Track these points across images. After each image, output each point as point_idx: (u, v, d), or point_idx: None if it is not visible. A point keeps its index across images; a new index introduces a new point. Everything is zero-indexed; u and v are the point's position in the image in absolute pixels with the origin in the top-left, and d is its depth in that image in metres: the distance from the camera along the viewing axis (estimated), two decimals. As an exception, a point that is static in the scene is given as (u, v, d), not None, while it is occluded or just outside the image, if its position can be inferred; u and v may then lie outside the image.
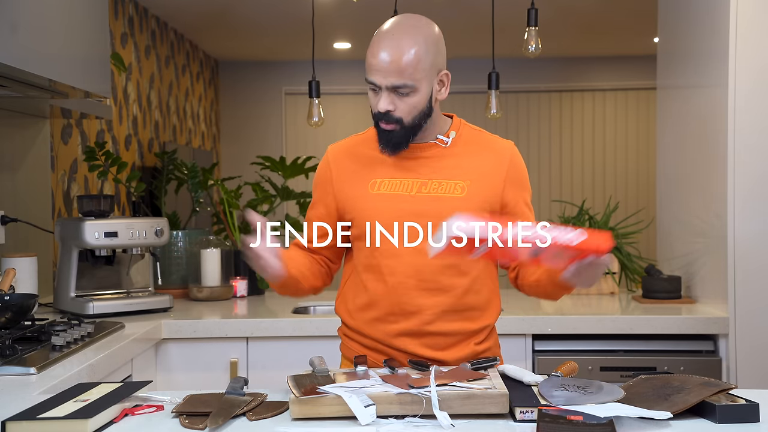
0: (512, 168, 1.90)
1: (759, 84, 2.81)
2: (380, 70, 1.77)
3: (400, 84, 1.77)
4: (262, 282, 3.46)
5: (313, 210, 1.97)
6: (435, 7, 4.59)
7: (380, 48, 1.78)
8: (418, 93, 1.79)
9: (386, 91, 1.78)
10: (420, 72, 1.77)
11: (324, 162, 1.97)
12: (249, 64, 6.88)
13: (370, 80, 1.80)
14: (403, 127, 1.81)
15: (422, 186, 1.85)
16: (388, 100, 1.79)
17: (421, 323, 1.84)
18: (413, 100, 1.79)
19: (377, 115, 1.81)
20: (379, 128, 1.83)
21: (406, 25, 1.80)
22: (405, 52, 1.76)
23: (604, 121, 7.04)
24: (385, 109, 1.79)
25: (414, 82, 1.77)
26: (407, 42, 1.77)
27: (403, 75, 1.76)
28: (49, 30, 2.32)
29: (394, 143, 1.83)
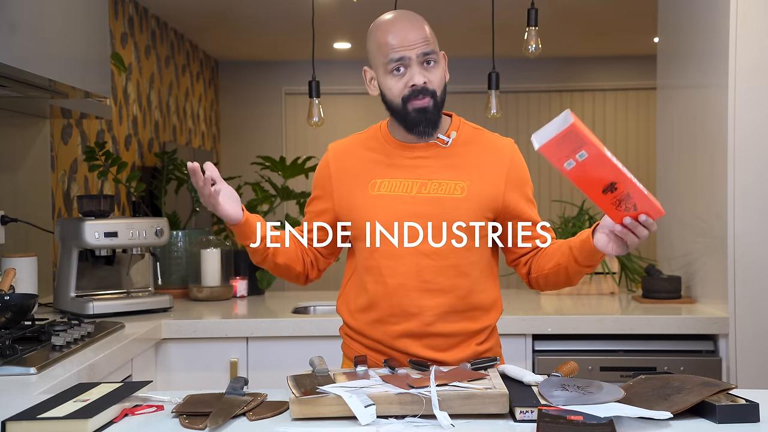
0: (513, 167, 1.90)
1: (759, 84, 2.81)
2: (407, 43, 1.78)
3: (430, 50, 1.80)
4: (262, 282, 3.46)
5: (311, 205, 1.97)
6: (435, 7, 4.59)
7: (397, 27, 1.80)
8: (440, 64, 1.83)
9: (417, 64, 1.79)
10: (436, 44, 1.83)
11: (324, 161, 1.96)
12: (249, 64, 6.88)
13: (397, 57, 1.79)
14: (436, 102, 1.82)
15: (422, 186, 1.84)
16: (422, 72, 1.79)
17: (423, 324, 1.84)
18: (439, 71, 1.83)
19: (410, 93, 1.79)
20: (409, 113, 1.81)
21: (406, 11, 1.86)
22: (423, 24, 1.82)
23: (604, 121, 7.04)
24: (422, 81, 1.79)
25: (436, 50, 1.82)
26: (417, 19, 1.83)
27: (429, 43, 1.80)
28: (49, 30, 2.32)
29: (432, 120, 1.82)
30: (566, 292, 3.41)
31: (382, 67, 1.82)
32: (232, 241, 3.60)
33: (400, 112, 1.83)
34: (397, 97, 1.81)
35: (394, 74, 1.80)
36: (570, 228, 3.51)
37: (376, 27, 1.85)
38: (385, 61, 1.80)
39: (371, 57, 1.86)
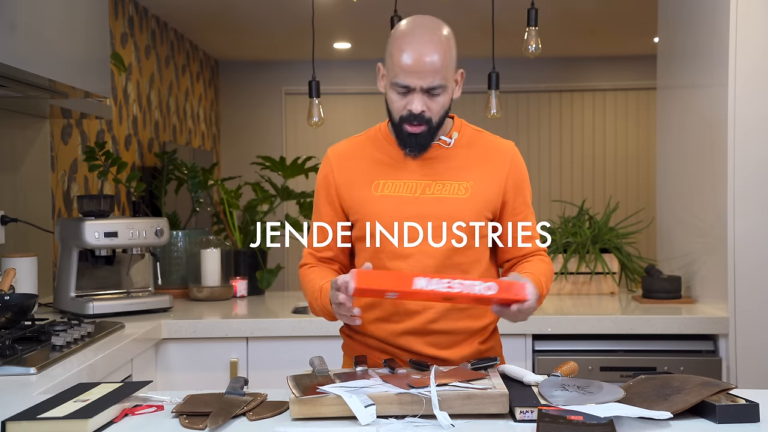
0: (513, 169, 1.90)
1: (759, 84, 2.81)
2: (417, 72, 1.75)
3: (437, 85, 1.77)
4: (262, 282, 3.46)
5: (321, 214, 1.94)
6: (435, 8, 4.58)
7: (414, 50, 1.76)
8: (447, 92, 1.81)
9: (420, 93, 1.78)
10: (450, 71, 1.79)
11: (326, 164, 1.95)
12: (249, 64, 6.88)
13: (402, 83, 1.77)
14: (431, 127, 1.81)
15: (426, 187, 1.85)
16: (422, 102, 1.78)
17: (426, 322, 1.85)
18: (443, 99, 1.80)
19: (407, 117, 1.79)
20: (402, 131, 1.81)
21: (430, 27, 1.80)
22: (439, 53, 1.76)
23: (604, 121, 7.04)
24: (420, 111, 1.78)
25: (446, 82, 1.79)
26: (438, 43, 1.77)
27: (438, 76, 1.76)
28: (49, 30, 2.32)
29: (422, 144, 1.83)
30: (566, 291, 3.41)
31: (389, 79, 1.81)
32: (232, 242, 3.60)
33: (395, 128, 1.84)
34: (396, 114, 1.82)
35: (397, 91, 1.80)
36: (570, 228, 3.51)
37: (395, 36, 1.81)
38: (393, 79, 1.79)
39: (386, 59, 1.84)
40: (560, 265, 3.41)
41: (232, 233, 3.60)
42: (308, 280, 1.91)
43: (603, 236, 3.45)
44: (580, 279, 3.41)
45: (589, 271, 3.40)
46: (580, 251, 3.39)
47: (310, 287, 1.88)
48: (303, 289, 1.94)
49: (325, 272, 1.91)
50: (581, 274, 3.41)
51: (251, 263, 3.50)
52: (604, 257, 3.41)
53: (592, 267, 3.39)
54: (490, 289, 1.61)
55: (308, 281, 1.91)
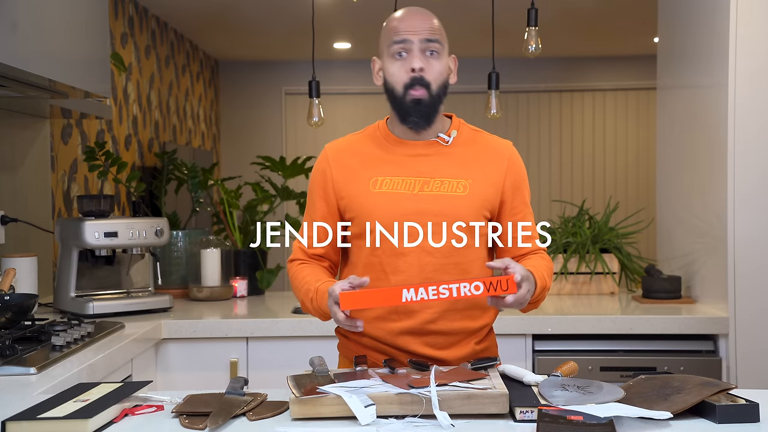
0: (511, 167, 1.90)
1: (759, 84, 2.81)
2: (412, 28, 1.82)
3: (434, 38, 1.82)
4: (262, 282, 3.46)
5: (315, 210, 1.93)
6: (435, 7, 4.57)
7: (406, 15, 1.85)
8: (442, 59, 1.85)
9: (418, 50, 1.82)
10: (443, 38, 1.86)
11: (323, 160, 1.94)
12: (249, 64, 6.88)
13: (399, 39, 1.82)
14: (431, 95, 1.83)
15: (425, 184, 1.85)
16: (420, 59, 1.82)
17: (424, 322, 1.84)
18: (440, 64, 1.84)
19: (409, 82, 1.82)
20: (405, 101, 1.83)
21: (422, 9, 1.89)
22: (431, 17, 1.86)
23: (604, 121, 7.04)
24: (420, 66, 1.81)
25: (442, 42, 1.84)
26: (429, 14, 1.87)
27: (434, 32, 1.83)
28: (49, 30, 2.32)
29: (425, 114, 1.84)
30: (566, 291, 3.41)
31: (386, 51, 1.85)
32: (232, 242, 3.60)
33: (398, 99, 1.85)
34: (399, 83, 1.83)
35: (395, 58, 1.83)
36: (570, 228, 3.51)
37: (388, 20, 1.89)
38: (389, 43, 1.83)
39: (380, 45, 1.89)
40: (560, 265, 3.41)
41: (232, 233, 3.61)
42: (300, 278, 1.90)
43: (603, 236, 3.45)
44: (580, 279, 3.41)
45: (589, 271, 3.40)
46: (580, 251, 3.39)
47: (303, 287, 1.87)
48: (293, 286, 1.93)
49: (317, 272, 1.90)
50: (581, 274, 3.41)
51: (251, 263, 3.50)
52: (604, 257, 3.41)
53: (592, 267, 3.39)
54: (478, 289, 1.62)
55: (300, 279, 1.90)
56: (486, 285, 1.62)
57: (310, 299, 1.84)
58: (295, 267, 1.94)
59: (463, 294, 1.62)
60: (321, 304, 1.80)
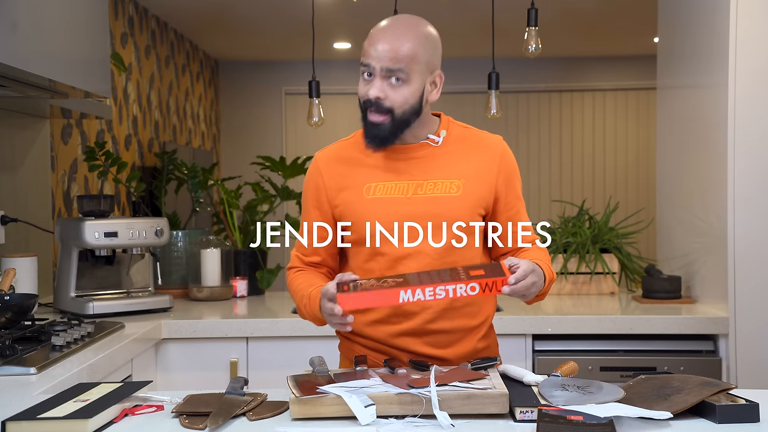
0: (503, 163, 1.90)
1: (759, 84, 2.81)
2: (376, 54, 1.76)
3: (396, 68, 1.76)
4: (262, 282, 3.46)
5: (310, 219, 1.93)
6: (435, 7, 4.59)
7: (379, 36, 1.78)
8: (411, 85, 1.78)
9: (379, 77, 1.77)
10: (415, 64, 1.77)
11: (314, 170, 1.94)
12: (249, 64, 6.88)
13: (363, 61, 1.78)
14: (393, 119, 1.79)
15: (418, 187, 1.84)
16: (379, 87, 1.77)
17: (423, 322, 1.85)
18: (405, 91, 1.78)
19: (366, 102, 1.79)
20: (366, 121, 1.81)
21: (406, 22, 1.82)
22: (403, 42, 1.76)
23: (604, 121, 7.04)
24: (375, 96, 1.77)
25: (408, 70, 1.77)
26: (406, 34, 1.78)
27: (400, 62, 1.76)
28: (49, 30, 2.32)
29: (381, 137, 1.80)
30: (566, 291, 3.41)
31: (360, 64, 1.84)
32: (232, 242, 3.60)
33: (363, 119, 1.83)
34: (361, 99, 1.82)
35: (364, 78, 1.81)
36: (570, 228, 3.51)
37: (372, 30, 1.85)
38: (360, 62, 1.81)
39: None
40: (560, 265, 3.41)
41: (232, 233, 3.61)
42: (295, 285, 1.91)
43: (603, 236, 3.45)
44: (580, 279, 3.41)
45: (589, 271, 3.40)
46: (580, 251, 3.39)
47: (298, 293, 1.88)
48: (291, 293, 1.94)
49: (312, 278, 1.91)
50: (581, 274, 3.41)
51: (251, 263, 3.50)
52: (604, 257, 3.41)
53: (592, 267, 3.39)
54: (474, 290, 1.62)
55: (296, 286, 1.91)
56: (482, 286, 1.62)
57: (304, 305, 1.85)
58: (292, 275, 1.96)
59: (459, 295, 1.62)
60: (314, 309, 1.80)
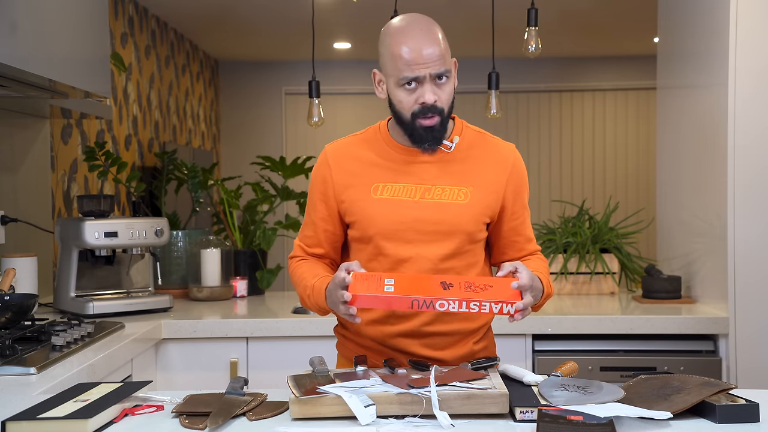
0: (514, 173, 1.90)
1: (759, 84, 2.81)
2: (423, 62, 1.75)
3: (444, 71, 1.77)
4: (262, 282, 3.46)
5: (315, 211, 1.92)
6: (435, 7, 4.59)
7: (412, 40, 1.76)
8: (451, 80, 1.82)
9: (430, 82, 1.77)
10: (449, 58, 1.81)
11: (323, 162, 1.92)
12: (249, 64, 6.88)
13: (411, 76, 1.76)
14: (443, 118, 1.80)
15: (426, 192, 1.84)
16: (432, 90, 1.77)
17: (421, 324, 1.85)
18: (449, 87, 1.81)
19: (420, 111, 1.78)
20: (416, 128, 1.80)
21: (422, 19, 1.82)
22: (438, 40, 1.78)
23: (604, 121, 7.04)
24: (433, 101, 1.77)
25: (450, 67, 1.80)
26: (434, 31, 1.79)
27: (443, 61, 1.77)
28: (49, 30, 2.32)
29: (438, 138, 1.82)
30: (566, 291, 3.41)
31: (393, 78, 1.79)
32: (232, 242, 3.60)
33: (407, 126, 1.82)
34: (407, 111, 1.80)
35: (405, 88, 1.78)
36: (570, 228, 3.51)
37: (389, 34, 1.81)
38: (398, 76, 1.77)
39: (383, 63, 1.82)
40: (560, 265, 3.41)
41: (232, 233, 3.61)
42: (299, 275, 1.90)
43: (603, 236, 3.45)
44: (580, 279, 3.41)
45: (589, 271, 3.40)
46: (580, 251, 3.39)
47: (302, 283, 1.88)
48: (294, 283, 1.93)
49: (315, 267, 1.91)
50: (581, 274, 3.41)
51: (251, 263, 3.50)
52: (604, 257, 3.41)
53: (592, 267, 3.39)
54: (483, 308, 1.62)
55: (299, 275, 1.90)
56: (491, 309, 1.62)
57: (308, 295, 1.84)
58: (294, 264, 1.95)
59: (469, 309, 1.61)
60: (318, 300, 1.80)
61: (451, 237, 1.82)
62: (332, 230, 1.92)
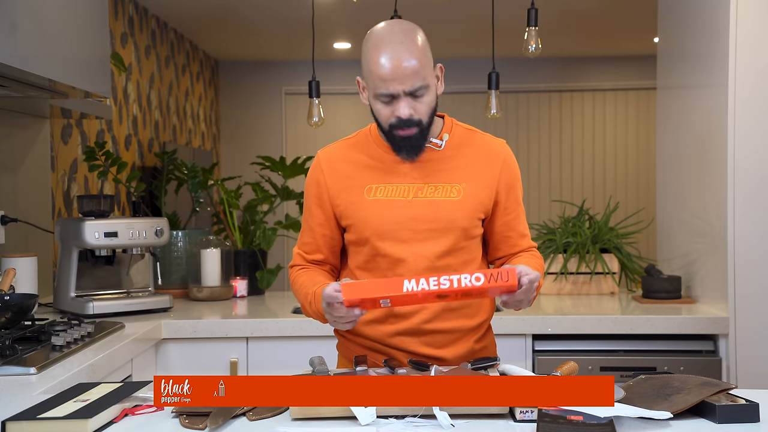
0: (506, 169, 1.90)
1: (759, 84, 2.81)
2: (397, 78, 1.74)
3: (419, 86, 1.76)
4: (262, 282, 3.46)
5: (312, 217, 1.93)
6: (435, 7, 4.59)
7: (390, 56, 1.74)
8: (431, 91, 1.80)
9: (405, 98, 1.76)
10: (428, 70, 1.78)
11: (316, 168, 1.93)
12: (249, 64, 6.88)
13: (386, 93, 1.76)
14: (422, 128, 1.80)
15: (418, 191, 1.84)
16: (408, 105, 1.77)
17: (420, 322, 1.85)
18: (428, 99, 1.79)
19: (396, 123, 1.78)
20: (395, 137, 1.81)
21: (401, 29, 1.78)
22: (415, 55, 1.75)
23: (604, 121, 7.04)
24: (408, 116, 1.77)
25: (428, 81, 1.78)
26: (413, 42, 1.76)
27: (418, 77, 1.75)
28: (49, 30, 2.32)
29: (415, 147, 1.82)
30: (566, 291, 3.41)
31: (371, 91, 1.80)
32: (232, 242, 3.60)
33: (387, 135, 1.83)
34: (385, 123, 1.81)
35: (382, 101, 1.79)
36: (570, 228, 3.51)
37: (368, 44, 1.80)
38: (375, 90, 1.78)
39: (363, 71, 1.82)
40: (560, 265, 3.41)
41: (232, 233, 3.61)
42: (299, 283, 1.91)
43: (603, 236, 3.45)
44: (580, 279, 3.41)
45: (589, 271, 3.40)
46: (580, 251, 3.39)
47: (302, 291, 1.88)
48: (294, 292, 1.94)
49: (315, 275, 1.91)
50: (581, 274, 3.41)
51: (251, 263, 3.50)
52: (604, 257, 3.41)
53: (592, 267, 3.39)
54: (478, 279, 1.61)
55: (299, 284, 1.91)
56: (487, 276, 1.61)
57: (309, 302, 1.85)
58: (294, 273, 1.96)
59: (464, 285, 1.59)
60: (318, 307, 1.80)
61: (446, 234, 1.83)
62: (330, 235, 1.92)
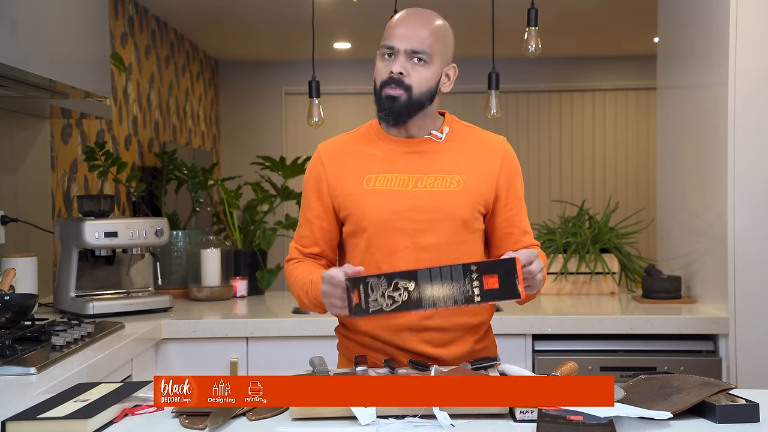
0: (505, 163, 1.91)
1: (759, 84, 2.81)
2: (402, 36, 1.81)
3: (420, 50, 1.81)
4: (262, 282, 3.46)
5: (310, 209, 1.94)
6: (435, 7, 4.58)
7: (403, 21, 1.83)
8: (431, 67, 1.83)
9: (403, 56, 1.81)
10: (437, 46, 1.83)
11: (316, 160, 1.95)
12: (249, 64, 6.88)
13: (387, 45, 1.83)
14: (410, 97, 1.82)
15: (418, 181, 1.85)
16: (402, 64, 1.81)
17: (421, 317, 1.84)
18: (426, 72, 1.82)
19: (386, 80, 1.82)
20: (382, 97, 1.83)
21: (426, 12, 1.88)
22: (429, 24, 1.83)
23: (604, 121, 7.04)
24: (398, 71, 1.80)
25: (433, 54, 1.82)
26: (429, 21, 1.84)
27: (424, 43, 1.81)
28: (49, 30, 2.32)
29: (397, 111, 1.83)
30: (566, 291, 3.41)
31: (379, 50, 1.86)
32: (232, 242, 3.60)
33: (376, 95, 1.86)
34: (379, 79, 1.85)
35: (383, 58, 1.85)
36: (570, 228, 3.51)
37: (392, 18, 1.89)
38: (381, 44, 1.85)
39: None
40: (560, 265, 3.41)
41: (232, 233, 3.61)
42: (295, 275, 1.91)
43: (603, 236, 3.45)
44: (580, 279, 3.41)
45: (589, 271, 3.40)
46: (580, 251, 3.39)
47: (299, 282, 1.88)
48: (290, 284, 1.94)
49: (312, 267, 1.91)
50: (581, 274, 3.41)
51: (251, 263, 3.50)
52: (604, 257, 3.41)
53: (592, 267, 3.39)
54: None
55: (295, 276, 1.91)
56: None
57: (306, 291, 1.84)
58: (291, 266, 1.95)
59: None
60: (316, 295, 1.80)
61: (445, 225, 1.83)
62: (328, 227, 1.93)
